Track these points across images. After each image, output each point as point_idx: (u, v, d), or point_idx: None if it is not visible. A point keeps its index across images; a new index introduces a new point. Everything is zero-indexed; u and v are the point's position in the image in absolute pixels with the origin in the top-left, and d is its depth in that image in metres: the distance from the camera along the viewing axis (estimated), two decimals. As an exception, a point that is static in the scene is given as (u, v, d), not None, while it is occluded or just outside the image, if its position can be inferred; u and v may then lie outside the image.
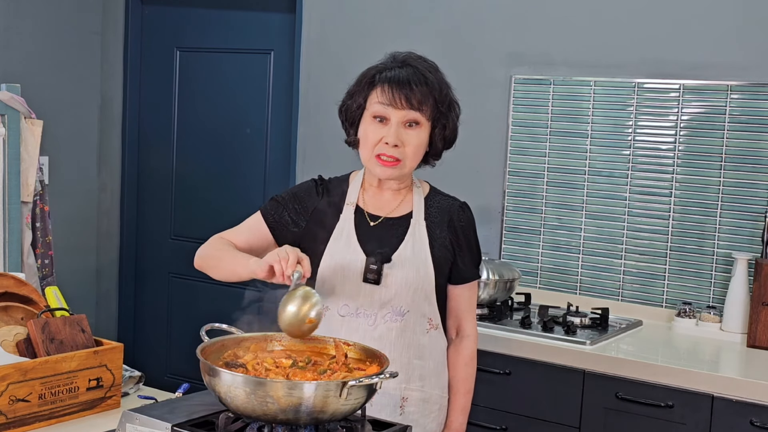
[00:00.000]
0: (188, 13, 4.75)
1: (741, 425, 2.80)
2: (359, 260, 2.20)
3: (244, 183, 4.60)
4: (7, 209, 3.44)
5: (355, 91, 2.22)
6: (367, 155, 2.20)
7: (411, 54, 2.24)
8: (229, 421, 1.79)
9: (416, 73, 2.16)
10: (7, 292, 2.31)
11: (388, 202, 2.27)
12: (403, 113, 2.15)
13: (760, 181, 3.37)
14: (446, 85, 2.24)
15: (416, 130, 2.17)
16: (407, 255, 2.22)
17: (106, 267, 5.00)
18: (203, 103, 4.74)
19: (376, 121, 2.17)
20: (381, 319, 2.20)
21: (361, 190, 2.29)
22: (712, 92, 3.44)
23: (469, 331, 2.35)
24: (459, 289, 2.32)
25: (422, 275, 2.22)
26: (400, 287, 2.20)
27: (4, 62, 4.35)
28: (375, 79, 2.18)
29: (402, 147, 2.16)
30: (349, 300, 2.20)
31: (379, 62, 2.24)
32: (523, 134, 3.82)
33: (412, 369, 2.23)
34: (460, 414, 2.33)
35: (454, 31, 3.96)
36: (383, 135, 2.16)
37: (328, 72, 4.25)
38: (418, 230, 2.25)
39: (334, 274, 2.21)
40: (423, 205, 2.28)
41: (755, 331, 3.19)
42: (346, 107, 2.25)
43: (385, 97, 2.14)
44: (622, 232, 3.63)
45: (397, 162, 2.17)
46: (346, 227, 2.23)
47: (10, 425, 2.06)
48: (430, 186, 2.35)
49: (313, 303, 1.95)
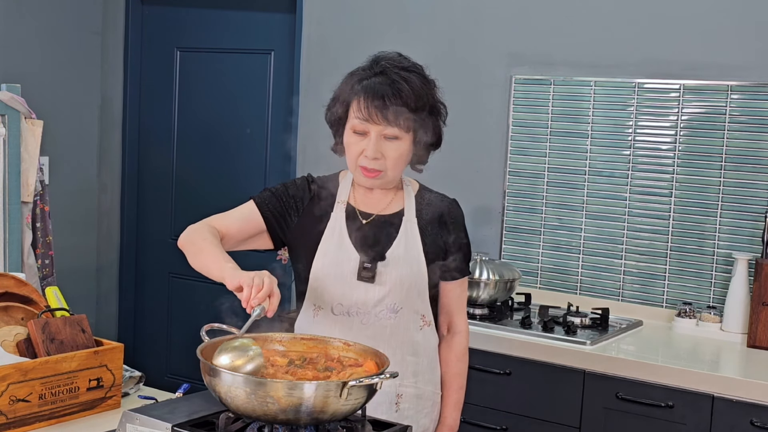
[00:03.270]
0: (188, 13, 4.75)
1: (741, 425, 2.80)
2: (352, 259, 2.21)
3: (244, 183, 4.60)
4: (8, 209, 3.44)
5: (338, 97, 2.22)
6: (351, 165, 2.23)
7: (393, 57, 2.21)
8: (230, 422, 1.79)
9: (392, 85, 2.13)
10: (8, 292, 2.31)
11: (379, 201, 2.28)
12: (380, 128, 2.14)
13: (760, 181, 3.37)
14: (428, 91, 2.19)
15: (396, 143, 2.17)
16: (400, 253, 2.22)
17: (106, 267, 5.00)
18: (203, 103, 4.74)
19: (357, 135, 2.18)
20: (375, 317, 2.21)
21: (351, 188, 2.29)
22: (712, 92, 3.44)
23: (461, 327, 2.37)
24: (450, 285, 2.33)
25: (415, 272, 2.23)
26: (394, 285, 2.21)
27: (4, 62, 4.35)
28: (353, 89, 2.17)
29: (383, 159, 2.17)
30: (343, 298, 2.21)
31: (361, 65, 2.23)
32: (523, 134, 3.82)
33: (405, 366, 2.23)
34: (454, 410, 2.35)
35: (454, 31, 3.96)
36: (364, 148, 2.16)
37: (328, 72, 4.24)
38: (410, 228, 2.25)
39: (327, 273, 2.21)
40: (414, 202, 2.29)
41: (755, 331, 3.19)
42: (330, 114, 2.25)
43: (362, 112, 2.14)
44: (622, 232, 3.63)
45: (378, 173, 2.19)
46: (338, 226, 2.24)
47: (10, 425, 2.06)
48: (419, 184, 2.36)
49: (249, 357, 1.83)
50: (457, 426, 2.36)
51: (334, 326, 2.20)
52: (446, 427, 2.34)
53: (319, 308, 2.23)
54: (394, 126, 2.14)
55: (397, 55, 2.22)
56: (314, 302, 2.24)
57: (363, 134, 2.17)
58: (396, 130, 2.15)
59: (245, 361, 1.82)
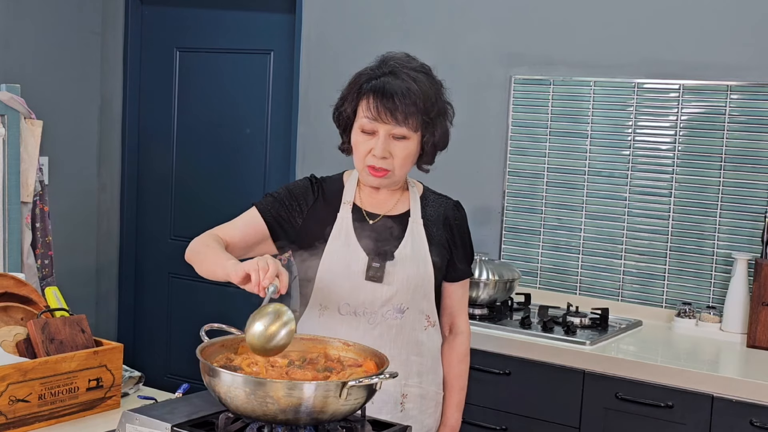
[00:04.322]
0: (188, 13, 4.75)
1: (741, 425, 2.80)
2: (360, 259, 2.21)
3: (243, 183, 4.60)
4: (7, 209, 3.43)
5: (346, 97, 2.22)
6: (359, 165, 2.23)
7: (401, 58, 2.22)
8: (229, 422, 1.79)
9: (401, 85, 2.14)
10: (7, 292, 2.31)
11: (384, 201, 2.29)
12: (389, 127, 2.15)
13: (760, 181, 3.37)
14: (435, 91, 2.21)
15: (404, 143, 2.17)
16: (408, 253, 2.23)
17: (106, 267, 5.00)
18: (203, 103, 4.74)
19: (365, 134, 2.18)
20: (381, 317, 2.21)
21: (357, 189, 2.30)
22: (712, 92, 3.44)
23: (463, 328, 2.39)
24: (453, 286, 2.35)
25: (422, 273, 2.24)
26: (401, 285, 2.22)
27: (4, 62, 4.35)
28: (362, 88, 2.18)
29: (390, 158, 2.17)
30: (351, 298, 2.21)
31: (369, 65, 2.23)
32: (523, 134, 3.82)
33: (410, 366, 2.24)
34: (456, 410, 2.37)
35: (454, 31, 3.96)
36: (372, 147, 2.17)
37: (328, 72, 4.25)
38: (417, 228, 2.26)
39: (334, 273, 2.21)
40: (419, 204, 2.30)
41: (755, 332, 3.19)
42: (338, 113, 2.25)
43: (371, 111, 2.15)
44: (621, 232, 3.63)
45: (386, 172, 2.19)
46: (344, 226, 2.24)
47: (10, 425, 2.06)
48: (423, 186, 2.38)
49: (284, 322, 1.83)
50: (458, 426, 2.38)
51: (341, 326, 2.21)
52: (448, 427, 2.35)
53: (325, 308, 2.23)
54: (402, 126, 2.14)
55: (405, 56, 2.24)
56: (320, 302, 2.24)
57: (371, 134, 2.17)
58: (404, 130, 2.15)
59: (279, 327, 1.82)
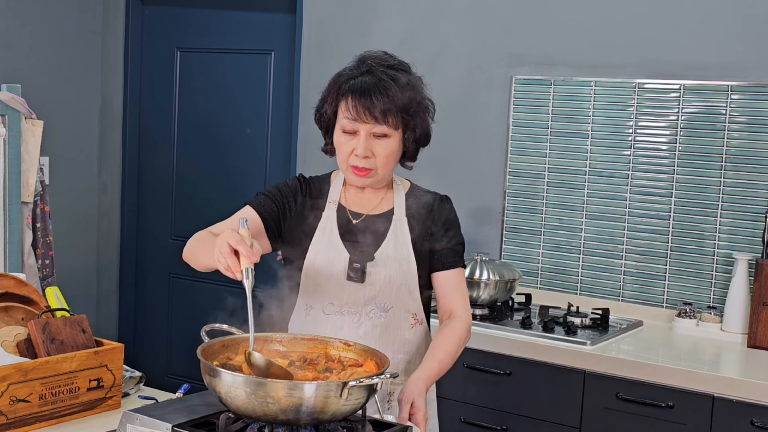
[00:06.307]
0: (188, 13, 4.75)
1: (741, 425, 2.80)
2: (343, 258, 2.22)
3: (244, 183, 4.60)
4: (8, 210, 3.44)
5: (326, 98, 2.24)
6: (342, 166, 2.24)
7: (379, 56, 2.23)
8: (230, 422, 1.79)
9: (379, 83, 2.15)
10: (8, 292, 2.32)
11: (369, 200, 2.30)
12: (369, 126, 2.16)
13: (760, 181, 3.37)
14: (414, 88, 2.20)
15: (385, 141, 2.18)
16: (389, 252, 2.23)
17: (106, 267, 5.00)
18: (203, 103, 4.74)
19: (346, 134, 2.19)
20: (365, 316, 2.22)
21: (343, 188, 2.31)
22: (712, 92, 3.44)
23: (460, 314, 2.26)
24: (443, 275, 2.27)
25: (405, 271, 2.24)
26: (383, 284, 2.22)
27: (4, 62, 4.35)
28: (341, 89, 2.20)
29: (373, 157, 2.18)
30: (334, 298, 2.23)
31: (348, 65, 2.25)
32: (523, 134, 3.82)
33: (396, 363, 2.24)
34: (437, 363, 2.15)
35: (454, 31, 3.96)
36: (354, 147, 2.18)
37: (328, 72, 4.22)
38: (400, 227, 2.26)
39: (318, 273, 2.23)
40: (404, 201, 2.30)
41: (755, 332, 3.19)
42: (319, 115, 2.27)
43: (350, 112, 2.16)
44: (622, 232, 3.63)
45: (369, 171, 2.20)
46: (328, 226, 2.25)
47: (10, 425, 2.06)
48: (410, 183, 2.37)
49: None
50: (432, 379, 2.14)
51: (326, 325, 2.22)
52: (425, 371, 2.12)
53: (311, 307, 2.25)
54: (382, 124, 2.16)
55: (383, 54, 2.25)
56: (306, 301, 2.26)
57: (352, 134, 2.18)
58: (385, 128, 2.16)
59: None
